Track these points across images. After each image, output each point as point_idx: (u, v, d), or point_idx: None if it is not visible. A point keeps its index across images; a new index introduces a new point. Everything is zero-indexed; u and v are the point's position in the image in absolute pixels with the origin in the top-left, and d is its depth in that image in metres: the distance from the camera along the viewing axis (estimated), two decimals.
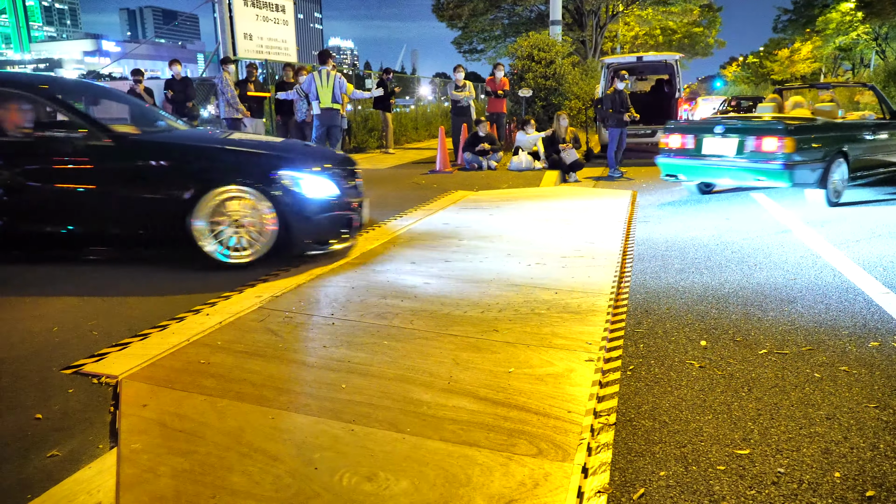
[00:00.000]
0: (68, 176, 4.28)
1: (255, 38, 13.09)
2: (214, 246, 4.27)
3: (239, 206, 4.26)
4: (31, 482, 1.94)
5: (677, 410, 2.39)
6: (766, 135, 6.28)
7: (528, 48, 13.79)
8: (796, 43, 52.84)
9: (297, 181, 4.36)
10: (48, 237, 4.36)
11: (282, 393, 2.51)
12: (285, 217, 4.29)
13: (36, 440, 2.18)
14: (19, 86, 4.62)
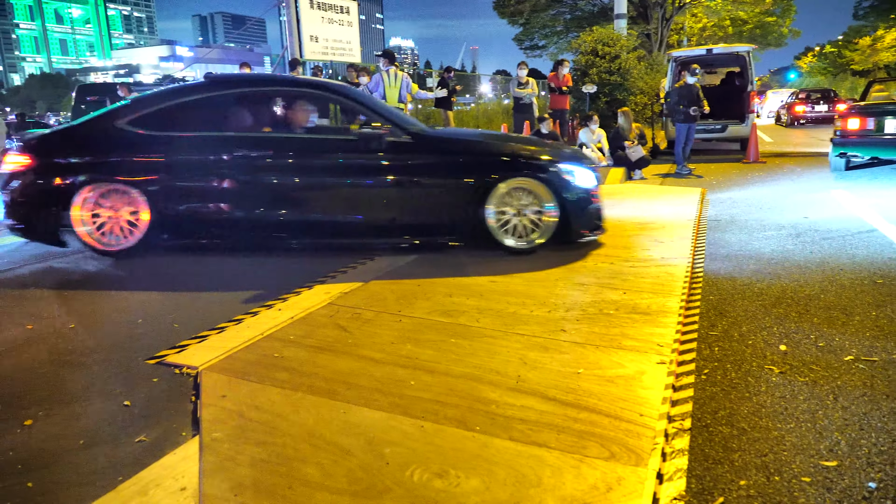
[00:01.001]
0: (380, 169, 4.62)
1: (320, 40, 13.41)
2: (502, 232, 4.61)
3: (524, 195, 4.58)
4: (122, 465, 2.05)
5: (757, 417, 2.29)
6: None
7: (592, 43, 13.55)
8: (879, 30, 49.74)
9: (573, 173, 4.63)
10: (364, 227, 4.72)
11: (351, 388, 2.55)
12: (564, 206, 4.57)
13: (125, 426, 2.30)
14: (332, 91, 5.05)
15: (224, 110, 4.83)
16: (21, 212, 4.66)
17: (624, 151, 9.50)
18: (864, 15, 50.71)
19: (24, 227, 4.70)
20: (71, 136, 4.85)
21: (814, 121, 23.35)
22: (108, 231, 4.62)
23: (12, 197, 4.65)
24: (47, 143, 4.88)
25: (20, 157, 4.65)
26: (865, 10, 49.84)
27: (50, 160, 4.65)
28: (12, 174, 4.64)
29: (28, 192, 4.62)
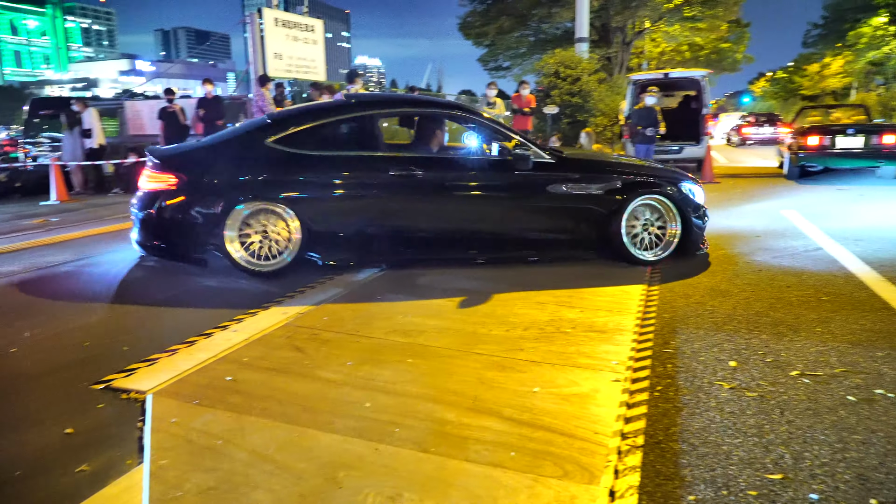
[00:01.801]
0: (530, 187, 4.82)
1: (284, 58, 13.38)
2: (633, 245, 4.90)
3: (650, 211, 4.93)
4: (61, 497, 1.97)
5: (707, 433, 2.34)
6: (887, 132, 9.83)
7: (555, 65, 13.83)
8: (826, 58, 52.06)
9: (693, 192, 5.00)
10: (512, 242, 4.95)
11: (306, 411, 2.52)
12: (686, 221, 4.88)
13: (66, 455, 2.22)
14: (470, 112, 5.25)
15: (368, 129, 4.85)
16: (165, 231, 4.54)
17: None
18: (813, 43, 53.01)
19: (167, 248, 4.63)
20: (219, 154, 4.73)
21: (759, 141, 25.39)
22: (257, 251, 4.55)
23: (156, 216, 4.50)
24: (192, 160, 4.75)
25: (166, 175, 4.49)
26: (814, 39, 52.11)
27: (199, 179, 4.52)
28: (155, 193, 4.50)
29: (176, 212, 4.47)
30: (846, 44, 45.10)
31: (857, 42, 43.21)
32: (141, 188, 4.65)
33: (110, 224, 7.43)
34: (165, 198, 4.47)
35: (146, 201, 4.54)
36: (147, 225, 4.57)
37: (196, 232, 4.47)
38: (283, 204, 4.49)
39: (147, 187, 4.57)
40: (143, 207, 4.55)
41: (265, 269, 4.54)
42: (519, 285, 4.34)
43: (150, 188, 4.55)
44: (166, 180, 4.48)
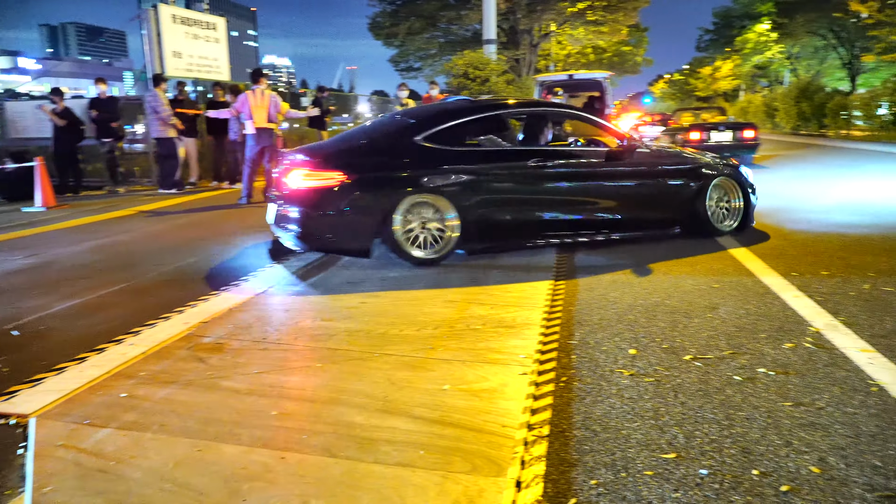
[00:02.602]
0: (637, 175, 5.54)
1: (184, 56, 12.79)
2: (716, 221, 5.75)
3: (721, 192, 5.79)
4: None
5: (608, 419, 2.44)
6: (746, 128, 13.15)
7: (464, 66, 14.01)
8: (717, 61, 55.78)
9: (748, 174, 5.94)
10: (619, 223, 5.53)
11: (209, 423, 2.42)
12: (747, 199, 5.86)
13: None
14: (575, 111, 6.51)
15: (503, 127, 5.73)
16: (332, 226, 4.68)
17: None
18: (706, 47, 56.64)
19: (334, 241, 4.75)
20: (377, 152, 4.96)
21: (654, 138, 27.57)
22: (419, 241, 4.81)
23: (322, 211, 4.64)
24: (354, 158, 4.92)
25: (332, 173, 4.64)
26: (706, 43, 55.70)
27: (365, 175, 4.72)
28: (320, 190, 4.60)
29: (344, 206, 4.62)
30: (734, 48, 48.51)
31: (743, 47, 46.57)
32: (296, 186, 4.69)
33: None
34: (333, 194, 4.61)
35: (310, 198, 4.64)
36: (311, 220, 4.66)
37: (363, 224, 4.68)
38: (441, 195, 4.79)
39: (307, 185, 4.65)
40: (306, 204, 4.64)
41: (430, 256, 4.83)
42: (433, 285, 4.37)
43: (311, 185, 4.64)
44: (332, 177, 4.63)
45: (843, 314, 3.56)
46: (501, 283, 4.36)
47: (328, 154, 4.97)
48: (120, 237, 6.60)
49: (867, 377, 2.74)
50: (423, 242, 4.81)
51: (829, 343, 3.16)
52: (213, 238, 6.40)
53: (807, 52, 41.70)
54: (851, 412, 2.44)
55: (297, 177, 4.70)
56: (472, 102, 5.81)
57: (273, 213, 5.01)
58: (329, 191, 4.60)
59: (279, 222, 4.89)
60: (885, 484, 1.97)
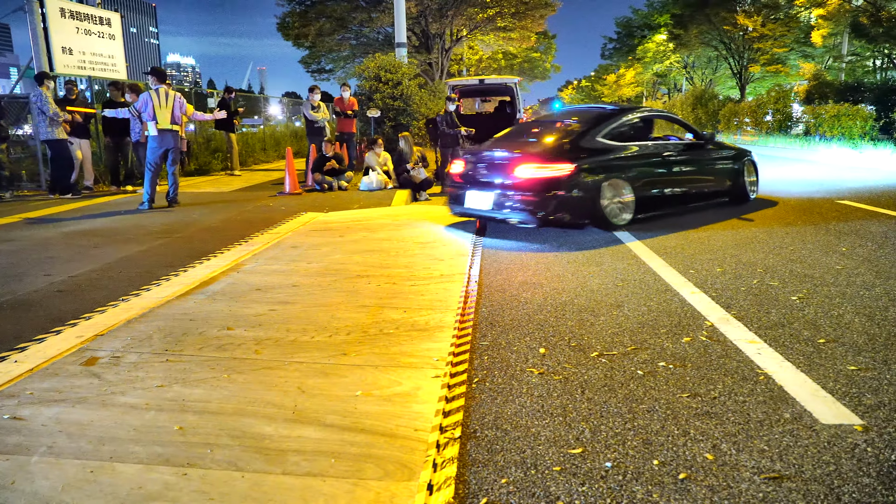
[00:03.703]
0: (714, 160, 7.76)
1: (75, 53, 11.99)
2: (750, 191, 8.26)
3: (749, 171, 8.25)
4: None
5: (518, 417, 2.50)
6: None
7: (375, 69, 13.94)
8: (621, 69, 58.53)
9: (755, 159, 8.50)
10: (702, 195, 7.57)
11: (103, 442, 2.27)
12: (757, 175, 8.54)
13: None
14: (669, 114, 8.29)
15: (648, 126, 7.96)
16: (563, 207, 5.99)
17: (409, 174, 9.88)
18: (610, 55, 59.25)
19: (568, 219, 6.07)
20: (582, 148, 6.39)
21: None
22: (614, 213, 6.33)
23: (555, 195, 5.95)
24: (571, 152, 6.26)
25: (562, 165, 6.04)
26: (610, 52, 58.26)
27: (581, 165, 6.13)
28: (552, 179, 5.98)
29: (572, 190, 6.02)
30: (636, 57, 51.06)
31: (644, 56, 49.09)
32: (528, 176, 6.04)
33: None
34: (562, 181, 5.98)
35: (543, 185, 5.98)
36: (544, 202, 5.96)
37: (582, 202, 6.08)
38: (622, 178, 6.37)
39: (542, 175, 6.01)
40: (540, 190, 5.97)
41: (620, 224, 6.40)
42: (345, 292, 4.31)
43: (543, 175, 6.00)
44: (562, 169, 6.02)
45: (734, 308, 3.83)
46: (416, 286, 4.36)
47: (561, 150, 6.34)
48: (2, 246, 6.07)
49: (756, 366, 2.96)
50: (609, 214, 6.29)
51: (722, 336, 3.37)
52: (111, 245, 6.02)
53: (701, 61, 44.52)
54: (741, 400, 2.62)
55: (529, 169, 6.07)
56: (620, 109, 7.40)
57: (489, 199, 6.24)
58: (559, 179, 5.98)
59: (502, 206, 6.16)
60: (771, 466, 2.13)
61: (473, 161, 6.72)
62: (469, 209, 6.50)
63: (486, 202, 6.27)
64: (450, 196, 7.02)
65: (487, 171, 6.45)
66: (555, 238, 6.26)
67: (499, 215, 6.20)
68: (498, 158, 6.45)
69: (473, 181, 6.56)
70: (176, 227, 7.08)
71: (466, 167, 6.77)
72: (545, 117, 8.17)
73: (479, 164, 6.61)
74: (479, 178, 6.49)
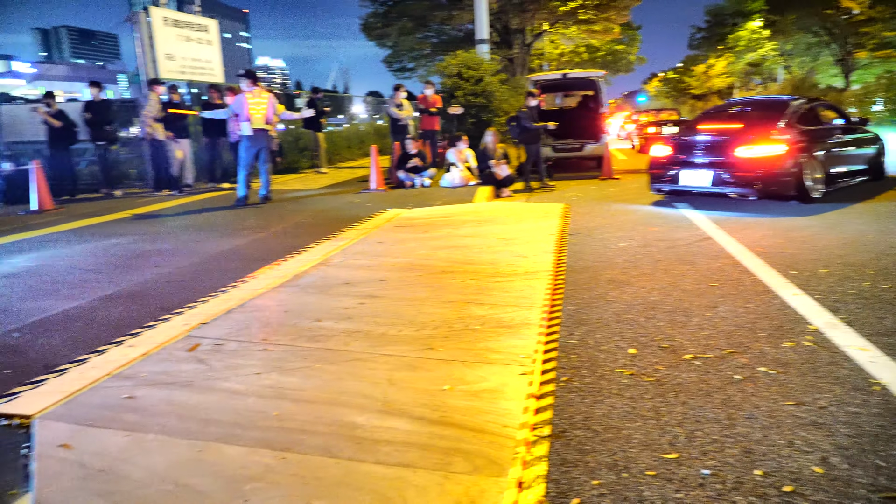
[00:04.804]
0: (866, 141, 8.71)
1: (177, 59, 12.74)
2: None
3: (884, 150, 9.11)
4: None
5: (609, 419, 2.45)
6: None
7: (457, 66, 13.99)
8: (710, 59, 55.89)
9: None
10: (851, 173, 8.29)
11: (210, 424, 2.41)
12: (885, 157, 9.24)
13: None
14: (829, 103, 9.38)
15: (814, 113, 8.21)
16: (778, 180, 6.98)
17: (491, 170, 9.87)
18: (698, 45, 56.77)
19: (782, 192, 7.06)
20: (786, 130, 7.28)
21: None
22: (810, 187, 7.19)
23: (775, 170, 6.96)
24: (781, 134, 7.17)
25: (778, 145, 7.02)
26: (698, 41, 55.80)
27: (791, 145, 7.09)
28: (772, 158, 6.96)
29: (786, 167, 6.97)
30: (727, 46, 48.62)
31: (735, 45, 46.67)
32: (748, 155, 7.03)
33: None
34: (778, 159, 6.95)
35: (762, 163, 6.97)
36: (765, 179, 6.96)
37: (791, 179, 7.00)
38: (813, 157, 7.26)
39: (759, 154, 7.00)
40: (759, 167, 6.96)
41: (817, 196, 7.22)
42: (430, 287, 4.36)
43: (763, 154, 6.99)
44: (778, 149, 6.98)
45: (842, 312, 3.58)
46: (500, 283, 4.36)
47: (765, 133, 7.15)
48: (115, 240, 6.57)
49: (869, 376, 2.75)
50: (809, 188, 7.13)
51: (830, 342, 3.17)
52: (210, 240, 6.38)
53: (799, 49, 41.79)
54: (854, 412, 2.45)
55: (750, 148, 7.01)
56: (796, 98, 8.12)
57: (708, 177, 7.23)
58: (775, 158, 6.92)
59: (722, 182, 7.13)
60: (889, 485, 1.98)
61: (682, 144, 7.73)
62: (684, 186, 7.54)
63: (704, 179, 7.30)
64: (655, 177, 8.01)
65: (703, 152, 7.40)
66: (642, 235, 6.07)
67: (719, 190, 7.21)
68: (713, 141, 7.42)
69: (687, 162, 7.53)
70: (268, 222, 7.41)
71: (676, 150, 7.75)
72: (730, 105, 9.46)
73: (691, 147, 7.59)
74: (694, 159, 7.47)
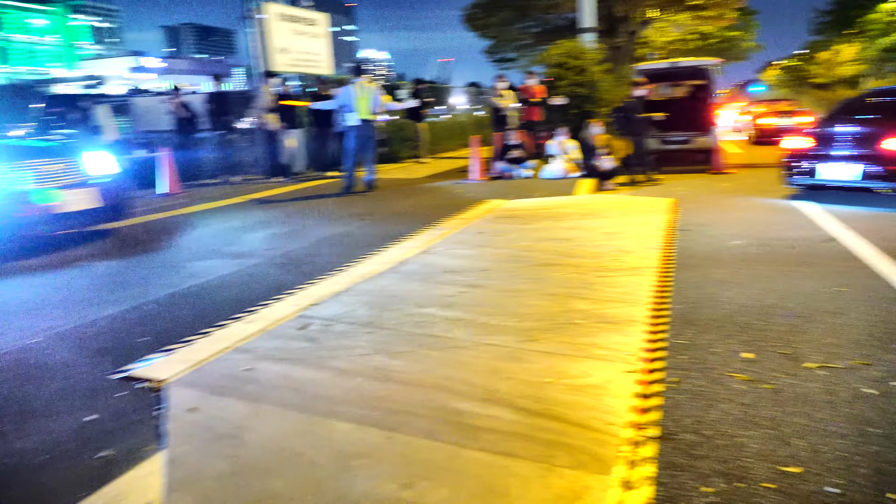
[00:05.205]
0: None
1: (289, 52, 13.35)
2: None
3: None
4: (85, 480, 2.01)
5: (722, 425, 2.33)
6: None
7: (560, 56, 13.71)
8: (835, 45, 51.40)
9: None
10: None
11: (320, 400, 2.53)
12: None
13: (89, 441, 2.26)
14: None
15: None
16: None
17: (594, 162, 9.64)
18: (820, 30, 52.44)
19: None
20: None
21: None
22: None
23: None
24: None
25: None
26: (821, 26, 51.56)
27: None
28: None
29: None
30: (856, 30, 44.52)
31: (868, 29, 42.65)
32: None
33: None
34: None
35: None
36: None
37: None
38: None
39: None
40: None
41: None
42: (532, 279, 4.33)
43: None
44: None
45: None
46: (604, 277, 4.25)
47: None
48: (235, 223, 7.01)
49: None
50: None
51: None
52: (318, 226, 6.67)
53: None
54: None
55: None
56: None
57: (853, 171, 7.00)
58: None
59: (870, 176, 6.88)
60: None
61: (822, 136, 7.51)
62: (823, 181, 7.29)
63: (848, 173, 7.08)
64: (790, 170, 7.76)
65: (848, 144, 7.15)
66: (758, 234, 5.71)
67: (867, 185, 6.97)
68: (860, 132, 7.16)
69: (827, 155, 7.28)
70: (371, 210, 7.64)
71: (815, 142, 7.51)
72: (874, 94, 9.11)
73: (831, 139, 7.35)
74: (836, 152, 7.20)
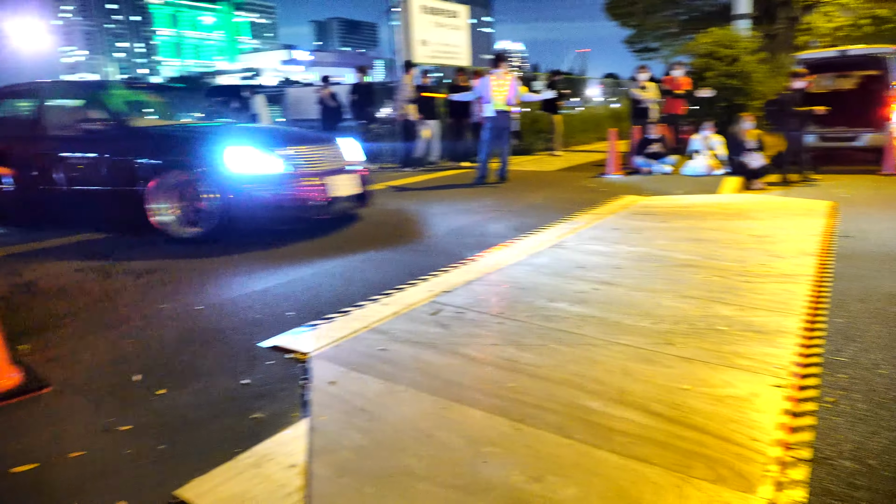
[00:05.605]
0: None
1: (430, 44, 13.67)
2: None
3: None
4: (239, 438, 2.22)
5: (888, 455, 2.10)
6: None
7: (709, 45, 12.86)
8: None
9: None
10: None
11: (452, 385, 2.60)
12: None
13: (243, 402, 2.49)
14: None
15: None
16: None
17: (742, 159, 8.98)
18: None
19: None
20: None
21: None
22: None
23: None
24: None
25: None
26: None
27: None
28: None
29: None
30: None
31: None
32: None
33: None
34: None
35: None
36: None
37: None
38: None
39: None
40: None
41: None
42: (669, 280, 4.14)
43: None
44: None
45: None
46: (750, 283, 3.97)
47: None
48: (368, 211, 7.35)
49: None
50: None
51: None
52: (452, 214, 6.82)
53: None
54: None
55: None
56: None
57: None
58: None
59: None
60: None
61: None
62: None
63: None
64: None
65: None
66: None
67: None
68: None
69: None
70: (504, 201, 7.67)
71: None
72: None
73: None
74: None
